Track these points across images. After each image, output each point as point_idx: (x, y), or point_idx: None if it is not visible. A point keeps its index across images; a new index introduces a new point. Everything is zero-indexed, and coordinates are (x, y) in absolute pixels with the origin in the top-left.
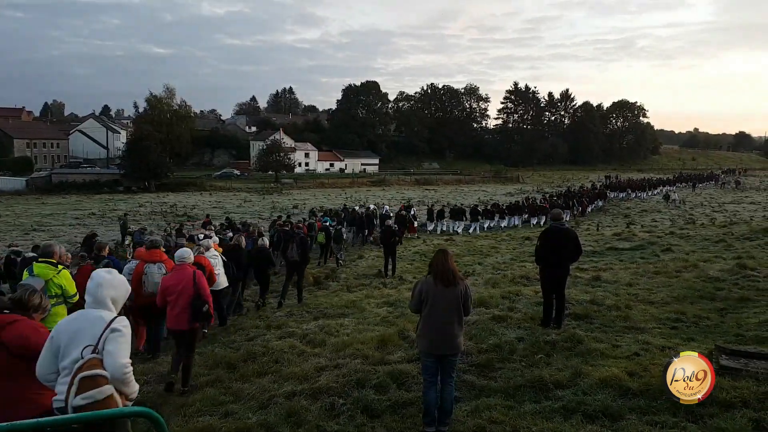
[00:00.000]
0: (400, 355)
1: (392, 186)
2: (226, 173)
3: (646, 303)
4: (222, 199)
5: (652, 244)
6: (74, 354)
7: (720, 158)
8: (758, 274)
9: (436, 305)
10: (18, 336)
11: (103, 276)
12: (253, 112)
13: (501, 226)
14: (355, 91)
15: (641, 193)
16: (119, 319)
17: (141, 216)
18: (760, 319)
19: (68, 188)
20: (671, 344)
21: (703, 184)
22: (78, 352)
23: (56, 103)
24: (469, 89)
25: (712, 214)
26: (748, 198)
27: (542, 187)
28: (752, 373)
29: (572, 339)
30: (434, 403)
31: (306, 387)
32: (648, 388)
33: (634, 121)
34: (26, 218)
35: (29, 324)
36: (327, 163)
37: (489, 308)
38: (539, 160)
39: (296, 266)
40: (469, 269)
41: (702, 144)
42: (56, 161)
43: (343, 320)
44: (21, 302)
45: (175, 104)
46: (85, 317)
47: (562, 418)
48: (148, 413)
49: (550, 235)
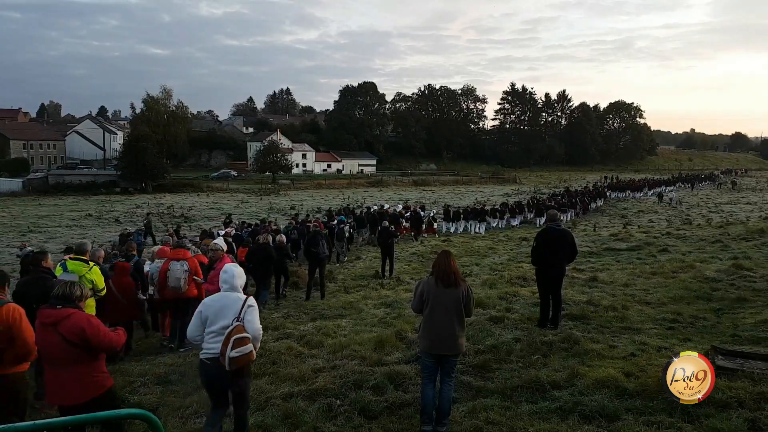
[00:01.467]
0: (398, 356)
1: (389, 187)
2: (223, 174)
3: (643, 303)
4: (219, 200)
5: (648, 245)
6: (223, 322)
7: (716, 159)
8: (754, 274)
9: (437, 306)
10: (74, 328)
11: (235, 270)
12: (251, 113)
13: (512, 225)
14: (352, 91)
15: (638, 193)
16: (250, 298)
17: (138, 217)
18: (756, 319)
19: (65, 189)
20: (668, 345)
21: (702, 184)
22: (227, 321)
23: (53, 104)
24: (466, 90)
25: (708, 215)
26: (744, 198)
27: (539, 188)
28: (748, 374)
29: (569, 340)
30: (431, 402)
31: (303, 388)
32: (644, 389)
33: (631, 121)
34: (23, 219)
35: (83, 317)
36: (324, 164)
37: (486, 309)
38: (536, 161)
39: (321, 262)
40: (467, 270)
41: (698, 145)
42: (53, 162)
43: (341, 321)
44: (66, 296)
45: (172, 105)
46: (228, 298)
47: (559, 419)
48: (145, 415)
49: (547, 236)
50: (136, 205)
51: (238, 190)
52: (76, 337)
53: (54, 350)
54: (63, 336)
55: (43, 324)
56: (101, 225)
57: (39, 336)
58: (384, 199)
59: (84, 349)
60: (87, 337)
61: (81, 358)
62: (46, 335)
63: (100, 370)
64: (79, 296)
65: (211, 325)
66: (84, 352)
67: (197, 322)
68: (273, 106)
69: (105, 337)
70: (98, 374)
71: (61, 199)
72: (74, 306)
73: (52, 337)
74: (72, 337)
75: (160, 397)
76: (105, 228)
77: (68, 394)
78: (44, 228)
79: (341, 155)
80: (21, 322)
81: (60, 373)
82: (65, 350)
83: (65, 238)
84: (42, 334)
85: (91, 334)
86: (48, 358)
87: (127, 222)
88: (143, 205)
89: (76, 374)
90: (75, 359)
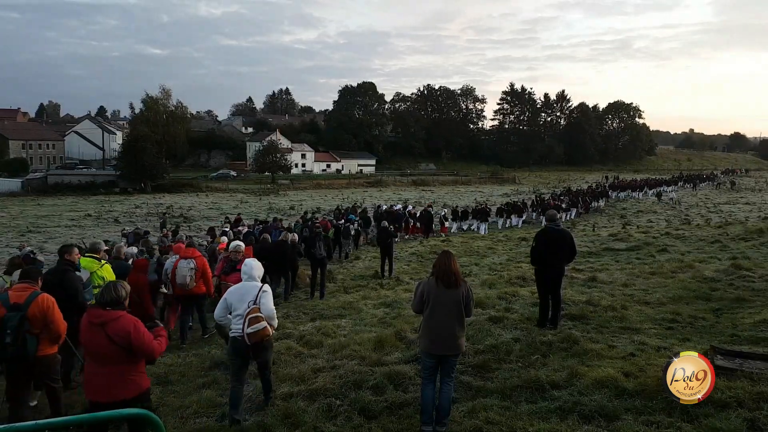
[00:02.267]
0: (397, 356)
1: (389, 187)
2: (222, 174)
3: (642, 303)
4: (218, 200)
5: (647, 245)
6: (244, 306)
7: (715, 159)
8: (753, 274)
9: (438, 306)
10: (121, 331)
11: (253, 263)
12: (250, 113)
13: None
14: (351, 91)
15: (638, 193)
16: (265, 285)
17: (137, 217)
18: (755, 319)
19: (64, 189)
20: (667, 345)
21: (704, 184)
22: (246, 305)
23: (52, 104)
24: (465, 90)
25: (707, 215)
26: (743, 198)
27: (538, 188)
28: (747, 374)
29: (568, 340)
30: (431, 402)
31: (303, 388)
32: (644, 389)
33: (630, 122)
34: (22, 219)
35: (131, 321)
36: (324, 164)
37: (486, 309)
38: (535, 161)
39: (320, 262)
40: (466, 270)
41: (697, 145)
42: (52, 162)
43: (340, 321)
44: (114, 299)
45: (171, 105)
46: (248, 286)
47: (558, 419)
48: (146, 415)
49: (546, 237)
50: (135, 206)
51: (238, 190)
52: (121, 339)
53: (99, 349)
54: (109, 336)
55: (91, 323)
56: (100, 225)
57: (86, 334)
58: (383, 199)
59: (127, 351)
60: (131, 341)
61: (123, 358)
62: (93, 334)
63: (139, 371)
64: (124, 297)
65: (236, 309)
66: (126, 353)
67: (223, 306)
68: (272, 106)
69: (148, 344)
70: (137, 375)
71: (60, 199)
72: (122, 308)
73: (99, 336)
74: (117, 339)
75: (160, 397)
76: (104, 228)
77: (107, 391)
78: (43, 228)
79: (340, 155)
80: (53, 310)
81: (101, 371)
82: (109, 349)
83: (64, 238)
84: (89, 333)
85: (135, 339)
86: (92, 355)
87: (126, 222)
88: (142, 206)
89: (117, 373)
90: (118, 359)
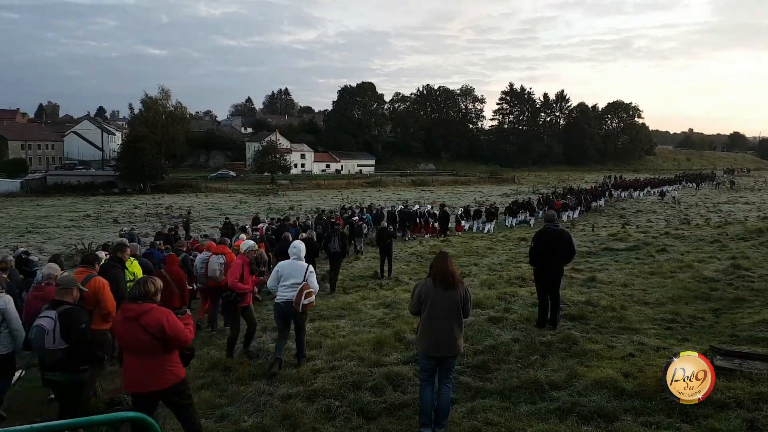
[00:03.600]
0: (396, 356)
1: (388, 187)
2: (221, 174)
3: (641, 304)
4: (218, 201)
5: (647, 245)
6: (293, 280)
7: (714, 158)
8: (753, 274)
9: (436, 308)
10: (154, 321)
11: (301, 246)
12: (249, 113)
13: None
14: (350, 92)
15: (641, 192)
16: (310, 266)
17: (136, 218)
18: (755, 319)
19: (63, 190)
20: (666, 345)
21: (706, 183)
22: (296, 280)
23: (51, 105)
24: (464, 90)
25: (707, 215)
26: (742, 198)
27: (538, 188)
28: (746, 374)
29: (567, 340)
30: (430, 403)
31: (302, 389)
32: (643, 389)
33: (629, 121)
34: (21, 220)
35: (162, 311)
36: (323, 164)
37: (485, 309)
38: (534, 161)
39: (333, 257)
40: (466, 270)
41: (696, 144)
42: (51, 163)
43: (339, 322)
44: (144, 293)
45: (171, 105)
46: (296, 264)
47: (558, 419)
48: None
49: (545, 237)
50: (135, 206)
51: (237, 191)
52: (156, 330)
53: (135, 341)
54: (144, 328)
55: (126, 318)
56: (99, 226)
57: (122, 328)
58: (383, 200)
59: (161, 341)
60: (164, 330)
61: (158, 349)
62: (129, 328)
63: (173, 362)
64: (154, 292)
65: (285, 281)
66: (160, 343)
67: (275, 278)
68: (271, 107)
69: (181, 332)
70: (172, 365)
71: (59, 200)
72: (152, 301)
73: (134, 329)
74: (152, 330)
75: None
76: (103, 229)
77: (146, 382)
78: (42, 229)
79: (340, 155)
80: (104, 291)
81: (139, 363)
82: (145, 342)
83: (63, 239)
84: (125, 327)
85: (169, 328)
86: (129, 348)
87: (125, 222)
88: (141, 206)
89: (154, 364)
90: (152, 350)
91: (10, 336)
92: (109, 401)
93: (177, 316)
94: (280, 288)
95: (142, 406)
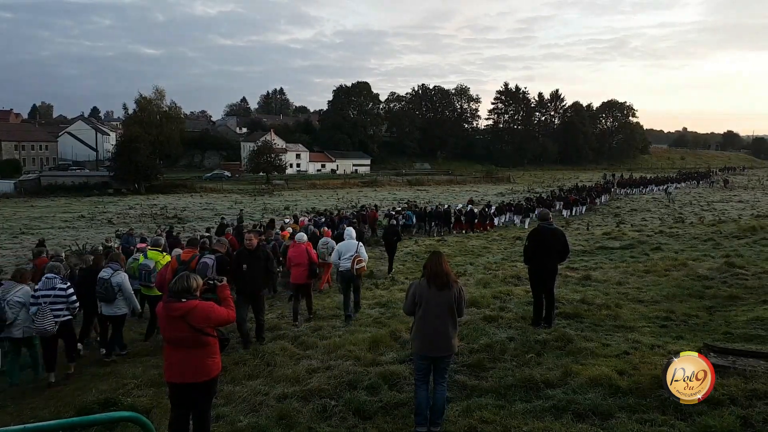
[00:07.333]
0: (392, 356)
1: (384, 187)
2: (216, 175)
3: (636, 302)
4: (212, 201)
5: (641, 243)
6: (349, 254)
7: (708, 157)
8: (746, 272)
9: (430, 308)
10: (201, 317)
11: (351, 230)
12: (244, 113)
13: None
14: (346, 91)
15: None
16: (360, 243)
17: (131, 218)
18: (748, 317)
19: (57, 191)
20: (661, 343)
21: (704, 181)
22: (351, 253)
23: (45, 105)
24: (459, 90)
25: (701, 213)
26: (736, 196)
27: (533, 187)
28: (740, 371)
29: (562, 338)
30: (425, 403)
31: (298, 389)
32: (638, 387)
33: (624, 120)
34: (15, 221)
35: (206, 305)
36: (318, 164)
37: (480, 308)
38: (529, 160)
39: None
40: (461, 269)
41: (690, 143)
42: (45, 164)
43: (335, 322)
44: (185, 289)
45: (165, 105)
46: (350, 243)
47: (553, 417)
48: (136, 418)
49: (539, 235)
50: (129, 206)
51: (232, 191)
52: (204, 324)
53: (180, 336)
54: (191, 325)
55: (172, 317)
56: (94, 226)
57: (167, 325)
58: (378, 199)
59: (205, 334)
60: (212, 321)
61: (198, 342)
62: (175, 325)
63: (211, 354)
64: (195, 287)
65: (344, 255)
66: (204, 336)
67: (336, 254)
68: (266, 106)
69: (225, 318)
70: (212, 359)
71: (53, 201)
72: (194, 297)
73: (181, 326)
74: (199, 325)
75: (154, 399)
76: (98, 229)
77: (187, 374)
78: (36, 229)
79: (335, 155)
80: None
81: (179, 355)
82: (190, 336)
83: (58, 239)
84: (170, 324)
85: (215, 320)
86: (173, 342)
87: (119, 223)
88: (136, 206)
89: (197, 357)
90: (192, 343)
91: (125, 302)
92: (104, 401)
93: (216, 285)
94: (342, 260)
95: (178, 396)
